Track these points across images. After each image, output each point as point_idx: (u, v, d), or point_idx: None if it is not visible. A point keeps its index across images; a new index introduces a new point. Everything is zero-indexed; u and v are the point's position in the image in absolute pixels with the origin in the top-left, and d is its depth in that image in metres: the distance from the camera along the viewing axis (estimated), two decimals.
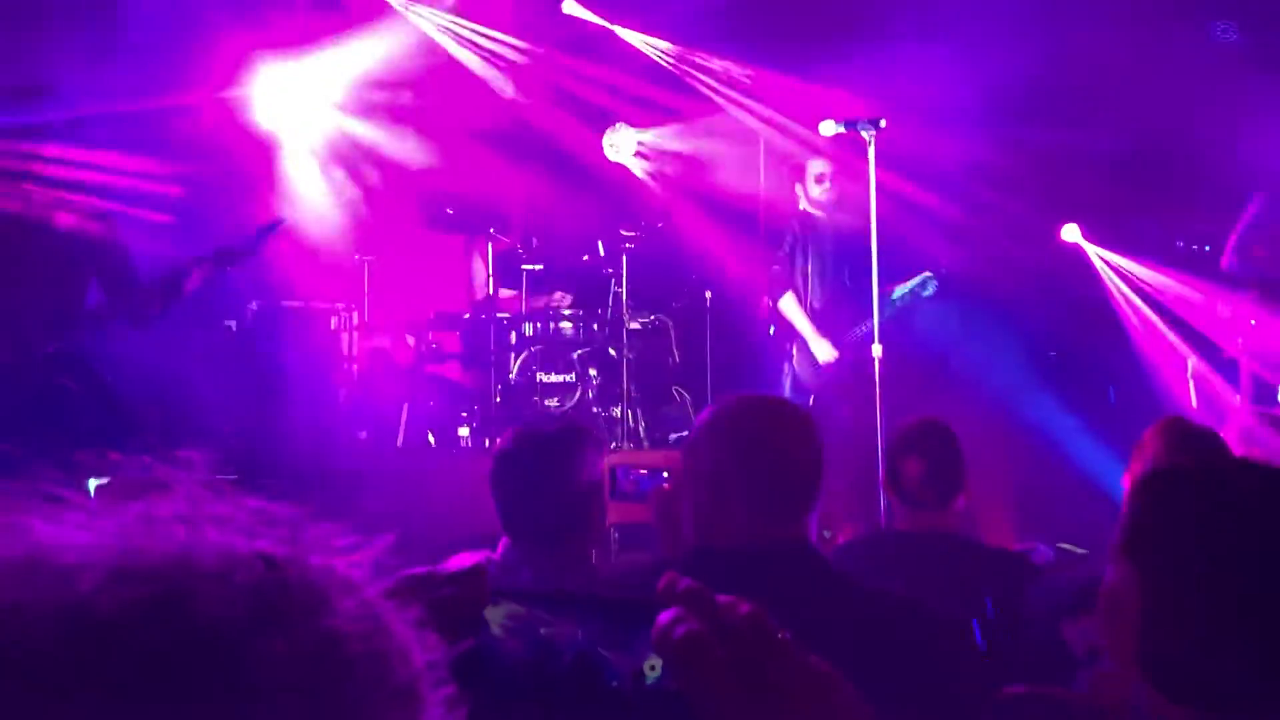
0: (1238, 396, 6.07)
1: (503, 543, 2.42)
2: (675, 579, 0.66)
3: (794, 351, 5.87)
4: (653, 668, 0.68)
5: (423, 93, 7.32)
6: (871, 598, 1.75)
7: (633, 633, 0.70)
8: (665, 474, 2.61)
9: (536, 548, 2.36)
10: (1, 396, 4.15)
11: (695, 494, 1.85)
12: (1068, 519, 5.89)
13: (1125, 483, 2.70)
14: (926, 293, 5.96)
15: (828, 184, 5.98)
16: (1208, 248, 6.53)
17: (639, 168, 7.68)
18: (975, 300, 7.19)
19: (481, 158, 7.49)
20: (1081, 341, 7.23)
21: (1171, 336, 6.76)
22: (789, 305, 5.88)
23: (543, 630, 0.76)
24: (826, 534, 4.25)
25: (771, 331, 6.00)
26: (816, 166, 5.95)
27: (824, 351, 5.79)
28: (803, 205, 6.05)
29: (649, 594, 0.68)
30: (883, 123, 4.93)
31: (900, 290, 5.88)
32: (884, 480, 2.94)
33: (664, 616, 0.64)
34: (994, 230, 7.61)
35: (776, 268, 5.91)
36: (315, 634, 0.50)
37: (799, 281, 5.90)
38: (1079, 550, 4.45)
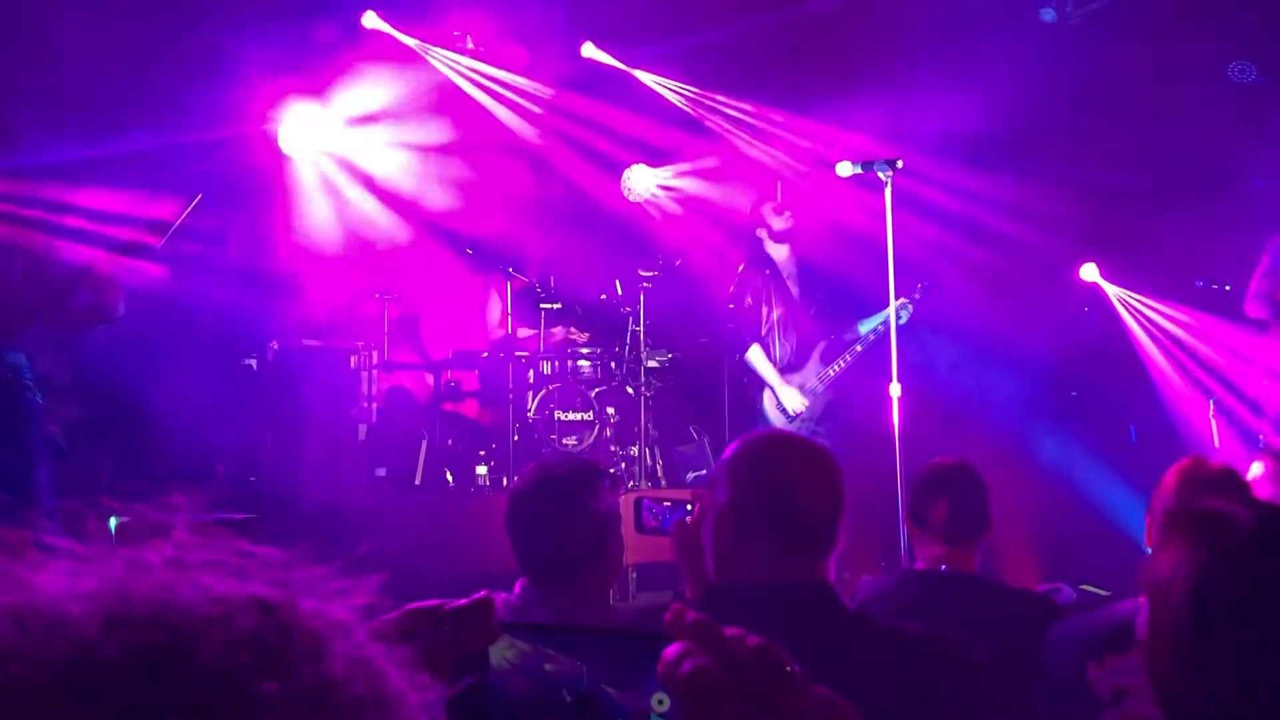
0: (1261, 437, 6.00)
1: (520, 583, 2.41)
2: (682, 612, 0.66)
3: (763, 399, 5.81)
4: (660, 702, 0.68)
5: (441, 134, 7.40)
6: (889, 636, 1.73)
7: (640, 668, 0.70)
8: (689, 507, 2.62)
9: (553, 588, 2.36)
10: None
11: (716, 529, 1.84)
12: (1090, 559, 5.84)
13: (1146, 522, 2.69)
14: (902, 320, 5.85)
15: (788, 212, 5.91)
16: (1227, 287, 6.50)
17: (656, 208, 7.72)
18: (993, 339, 7.17)
19: (499, 197, 7.55)
20: (1102, 381, 7.19)
21: (1191, 376, 6.72)
22: (755, 356, 5.81)
23: (548, 666, 0.75)
24: (845, 574, 4.22)
25: (746, 384, 5.97)
26: (769, 202, 5.94)
27: (792, 400, 5.72)
28: (767, 247, 5.96)
29: (656, 628, 0.68)
30: (899, 163, 4.94)
31: (868, 323, 5.85)
32: (907, 519, 2.92)
33: (670, 650, 0.63)
34: (1011, 269, 7.60)
35: (733, 325, 5.85)
36: (314, 679, 0.50)
37: (766, 331, 5.82)
38: (1102, 592, 4.40)
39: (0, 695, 0.45)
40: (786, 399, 5.72)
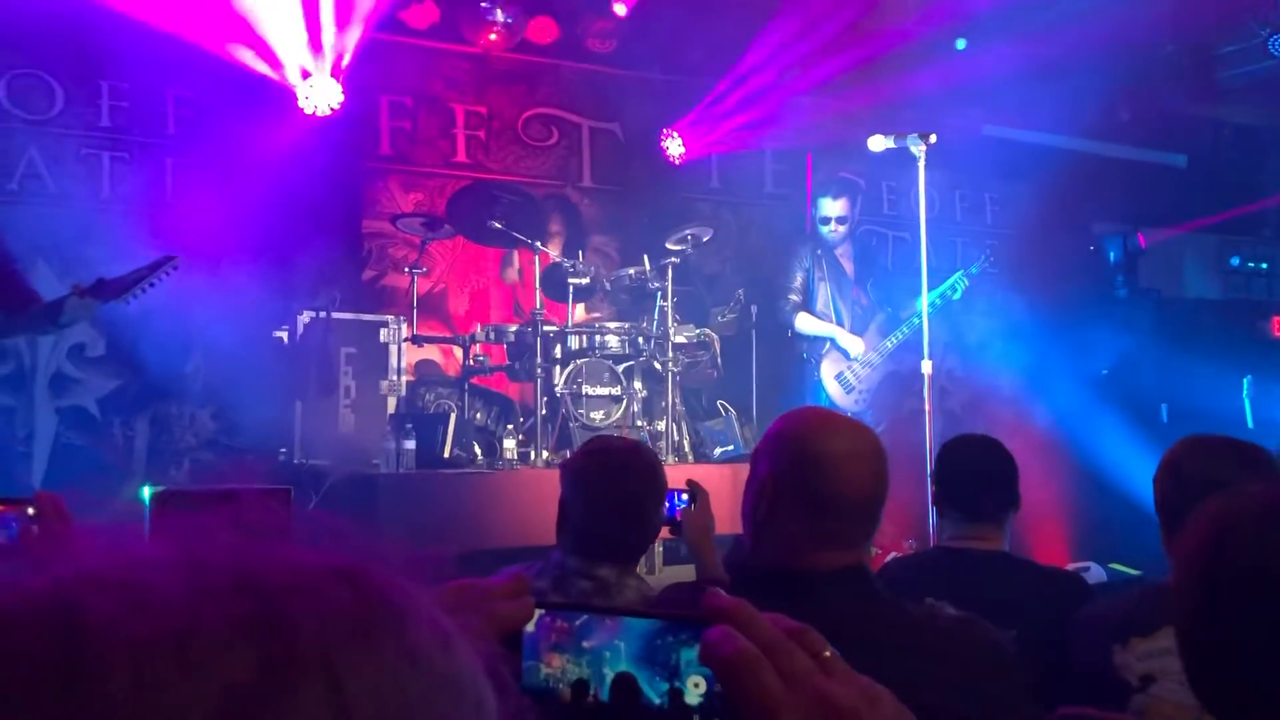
0: None
1: (556, 555, 2.41)
2: (718, 595, 0.66)
3: (821, 372, 5.85)
4: (695, 685, 0.68)
5: (469, 102, 7.39)
6: (923, 624, 1.72)
7: (675, 649, 0.69)
8: (686, 496, 2.65)
9: (598, 563, 2.35)
10: None
11: (755, 505, 1.83)
12: (1121, 539, 5.80)
13: None
14: (956, 295, 5.92)
15: (833, 226, 5.98)
16: (1264, 265, 6.41)
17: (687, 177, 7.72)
18: (1024, 316, 7.11)
19: (527, 169, 7.55)
20: (1134, 359, 7.12)
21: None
22: (805, 321, 5.87)
23: (585, 644, 0.75)
24: (874, 550, 4.22)
25: (805, 357, 5.99)
26: (828, 207, 5.94)
27: (855, 345, 5.79)
28: (819, 224, 6.04)
29: (691, 611, 0.67)
30: (933, 137, 4.89)
31: (931, 295, 5.86)
32: (937, 497, 2.88)
33: (712, 633, 0.63)
34: (1044, 244, 7.52)
35: (794, 299, 5.90)
36: (397, 653, 0.47)
37: (818, 309, 5.88)
38: (1133, 571, 4.37)
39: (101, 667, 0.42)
40: (849, 345, 5.77)
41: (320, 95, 6.66)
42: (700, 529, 2.66)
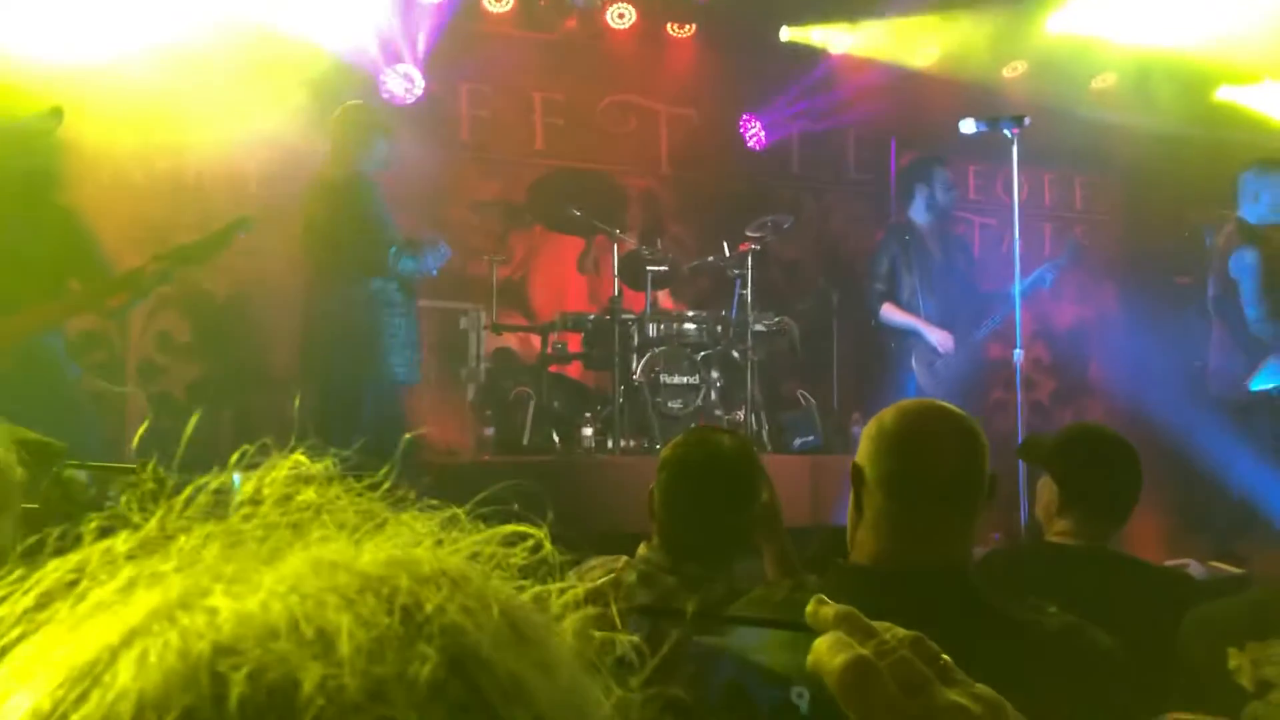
0: None
1: (646, 546, 2.37)
2: (824, 602, 0.64)
3: (913, 361, 5.75)
4: (800, 695, 0.65)
5: (547, 89, 7.39)
6: (1028, 627, 1.65)
7: (777, 658, 0.67)
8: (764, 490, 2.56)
9: (684, 560, 2.30)
10: None
11: (854, 504, 1.78)
12: (1217, 535, 5.61)
13: None
14: (1046, 285, 5.78)
15: (955, 194, 5.85)
16: None
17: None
18: (1116, 304, 6.91)
19: (605, 156, 7.53)
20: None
21: None
22: (891, 313, 5.77)
23: (696, 649, 0.72)
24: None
25: (892, 347, 5.89)
26: (946, 174, 5.79)
27: (940, 337, 5.67)
28: (912, 210, 5.90)
29: (794, 617, 0.65)
30: (1026, 120, 4.76)
31: (1019, 285, 5.73)
32: (1057, 492, 2.68)
33: (823, 641, 0.61)
34: (1138, 230, 7.30)
35: (879, 286, 5.80)
36: (556, 662, 0.47)
37: (908, 296, 5.77)
38: (1234, 570, 4.22)
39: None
40: (935, 337, 5.68)
41: (403, 82, 6.71)
42: (766, 519, 2.57)
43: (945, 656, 0.64)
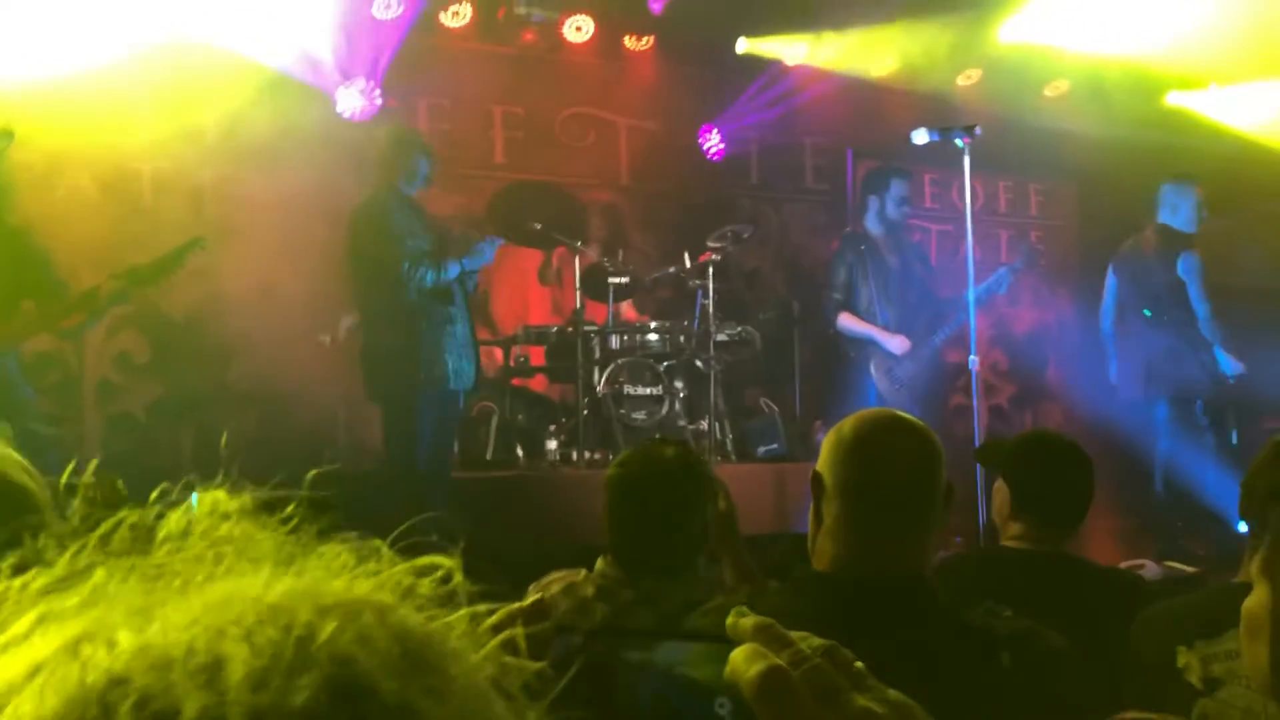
0: None
1: (603, 560, 2.37)
2: (744, 613, 0.66)
3: (872, 367, 5.79)
4: (721, 705, 0.66)
5: (507, 103, 7.40)
6: (980, 632, 1.67)
7: (703, 670, 0.68)
8: (718, 496, 2.58)
9: (639, 574, 2.30)
10: None
11: (813, 512, 1.80)
12: (1173, 535, 5.69)
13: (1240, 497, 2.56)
14: (1002, 290, 5.86)
15: (908, 209, 5.89)
16: None
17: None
18: (1071, 309, 6.99)
19: (565, 169, 7.54)
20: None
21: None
22: (848, 322, 5.80)
23: (627, 658, 0.73)
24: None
25: (851, 355, 5.92)
26: (902, 187, 5.83)
27: (896, 344, 5.72)
28: (867, 220, 5.94)
29: (717, 630, 0.67)
30: (977, 130, 4.82)
31: (975, 291, 5.78)
32: (1010, 497, 2.72)
33: (739, 652, 0.63)
34: (1095, 237, 7.39)
35: (837, 296, 5.83)
36: (451, 688, 0.47)
37: (866, 305, 5.80)
38: (1188, 569, 4.28)
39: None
40: (891, 344, 5.71)
41: (358, 99, 6.69)
42: (723, 528, 2.58)
43: (859, 664, 0.65)
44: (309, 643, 0.44)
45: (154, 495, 0.57)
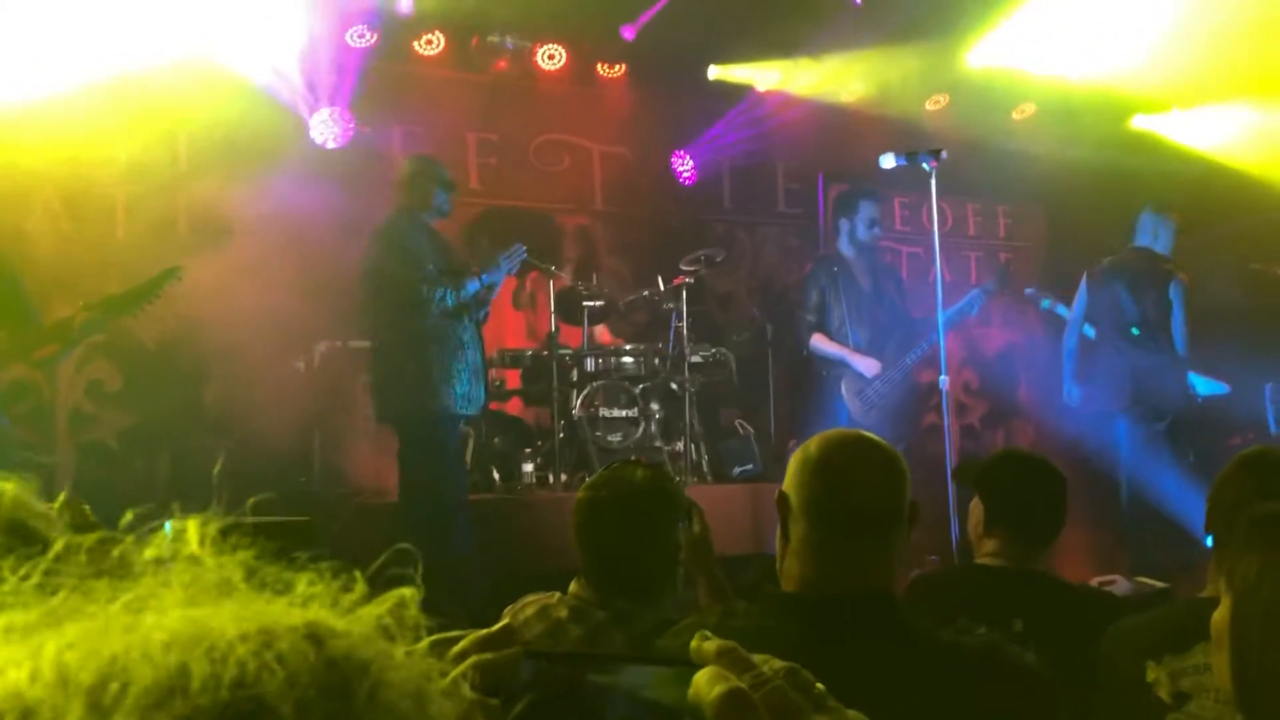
0: None
1: (577, 582, 2.38)
2: (707, 637, 0.68)
3: (842, 388, 5.82)
4: None
5: (481, 130, 7.42)
6: (948, 651, 1.69)
7: (667, 693, 0.70)
8: (692, 518, 2.58)
9: (612, 595, 2.31)
10: None
11: (781, 531, 1.81)
12: (1142, 550, 5.75)
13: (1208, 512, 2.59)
14: (974, 312, 5.92)
15: (878, 231, 5.94)
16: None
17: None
18: (1041, 329, 7.06)
19: (539, 194, 7.57)
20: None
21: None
22: (820, 343, 5.83)
23: (589, 681, 0.74)
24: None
25: (824, 375, 5.95)
26: (871, 210, 5.88)
27: (868, 366, 5.75)
28: (839, 242, 5.97)
29: (685, 652, 0.69)
30: (943, 153, 4.89)
31: (947, 312, 5.83)
32: (985, 515, 2.74)
33: (701, 675, 0.65)
34: (1062, 259, 7.49)
35: (809, 318, 5.87)
36: (370, 709, 0.47)
37: (837, 326, 5.83)
38: (1157, 584, 4.32)
39: None
40: (862, 366, 5.74)
41: (332, 127, 6.71)
42: (697, 549, 2.58)
43: (820, 685, 0.67)
44: (218, 667, 0.45)
45: (124, 521, 0.58)
